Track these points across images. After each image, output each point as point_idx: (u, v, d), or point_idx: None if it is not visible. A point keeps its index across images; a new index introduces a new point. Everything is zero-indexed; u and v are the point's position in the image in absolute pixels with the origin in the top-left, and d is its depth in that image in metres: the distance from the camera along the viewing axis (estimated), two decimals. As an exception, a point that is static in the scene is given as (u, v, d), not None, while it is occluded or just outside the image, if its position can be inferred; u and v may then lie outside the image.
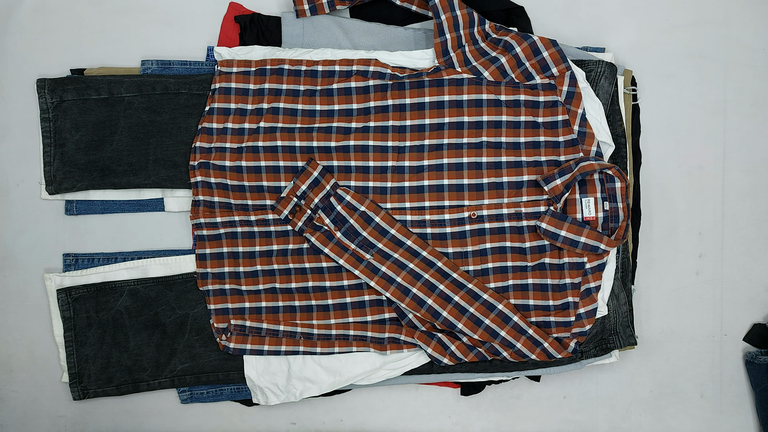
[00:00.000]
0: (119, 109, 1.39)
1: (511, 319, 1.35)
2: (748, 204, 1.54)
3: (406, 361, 1.42)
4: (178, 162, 1.40)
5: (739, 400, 1.55)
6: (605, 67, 1.40)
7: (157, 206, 1.46)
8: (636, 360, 1.54)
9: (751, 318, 1.55)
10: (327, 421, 1.51)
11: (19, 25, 1.46)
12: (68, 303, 1.42)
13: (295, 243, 1.39)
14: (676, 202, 1.53)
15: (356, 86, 1.37)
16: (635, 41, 1.51)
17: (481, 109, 1.36)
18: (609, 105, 1.42)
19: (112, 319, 1.42)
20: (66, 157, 1.40)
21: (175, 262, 1.43)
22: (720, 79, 1.53)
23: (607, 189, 1.37)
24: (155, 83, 1.40)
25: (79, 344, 1.43)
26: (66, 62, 1.45)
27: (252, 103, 1.38)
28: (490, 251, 1.38)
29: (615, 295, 1.42)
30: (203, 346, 1.43)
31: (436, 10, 1.35)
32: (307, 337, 1.41)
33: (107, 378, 1.43)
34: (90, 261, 1.45)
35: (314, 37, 1.43)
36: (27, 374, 1.48)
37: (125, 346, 1.43)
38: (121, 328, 1.43)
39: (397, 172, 1.37)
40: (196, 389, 1.47)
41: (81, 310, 1.42)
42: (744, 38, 1.52)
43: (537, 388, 1.53)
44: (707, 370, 1.55)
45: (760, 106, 1.53)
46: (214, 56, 1.42)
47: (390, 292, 1.36)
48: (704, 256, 1.54)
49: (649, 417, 1.55)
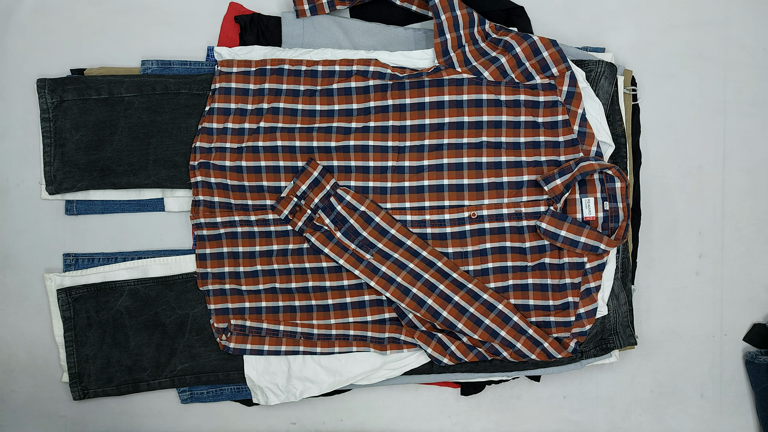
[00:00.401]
0: (119, 109, 1.39)
1: (511, 319, 1.36)
2: (748, 204, 1.54)
3: (406, 361, 1.42)
4: (178, 162, 1.40)
5: (739, 400, 1.55)
6: (605, 67, 1.40)
7: (157, 206, 1.46)
8: (636, 360, 1.54)
9: (751, 318, 1.55)
10: (327, 421, 1.51)
11: (19, 25, 1.46)
12: (68, 303, 1.42)
13: (295, 243, 1.39)
14: (676, 202, 1.53)
15: (356, 86, 1.37)
16: (635, 41, 1.51)
17: (481, 109, 1.36)
18: (609, 105, 1.42)
19: (112, 319, 1.42)
20: (66, 157, 1.40)
21: (175, 262, 1.43)
22: (720, 79, 1.53)
23: (607, 189, 1.37)
24: (155, 83, 1.40)
25: (79, 344, 1.43)
26: (66, 62, 1.45)
27: (252, 103, 1.38)
28: (490, 251, 1.38)
29: (615, 295, 1.42)
30: (203, 346, 1.43)
31: (436, 10, 1.35)
32: (307, 337, 1.41)
33: (107, 378, 1.43)
34: (90, 261, 1.45)
35: (314, 37, 1.43)
36: (27, 374, 1.48)
37: (125, 346, 1.43)
38: (121, 328, 1.43)
39: (397, 172, 1.37)
40: (196, 389, 1.47)
41: (81, 310, 1.42)
42: (744, 38, 1.52)
43: (537, 388, 1.53)
44: (707, 370, 1.55)
45: (760, 106, 1.53)
46: (214, 56, 1.42)
47: (390, 292, 1.36)
48: (704, 256, 1.54)
49: (649, 417, 1.55)
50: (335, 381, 1.42)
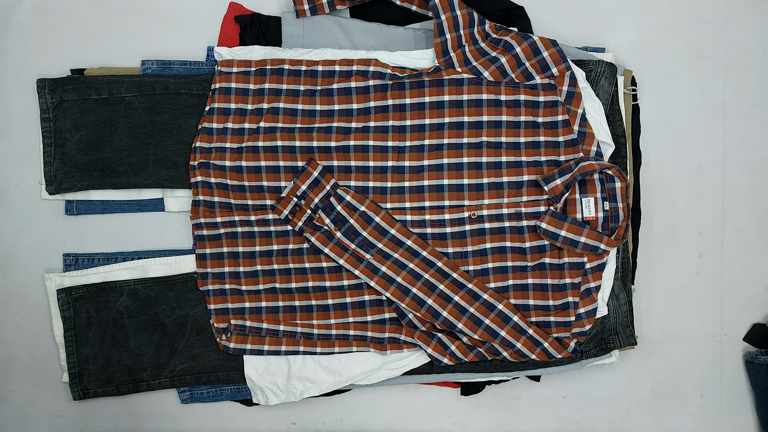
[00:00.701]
0: (119, 109, 1.39)
1: (511, 319, 1.36)
2: (748, 204, 1.54)
3: (406, 361, 1.42)
4: (178, 162, 1.40)
5: (739, 400, 1.55)
6: (605, 67, 1.40)
7: (157, 206, 1.46)
8: (636, 360, 1.54)
9: (751, 318, 1.55)
10: (327, 421, 1.51)
11: (19, 25, 1.46)
12: (68, 303, 1.42)
13: (295, 243, 1.39)
14: (676, 202, 1.53)
15: (356, 86, 1.37)
16: (635, 41, 1.51)
17: (481, 109, 1.36)
18: (609, 105, 1.42)
19: (112, 319, 1.42)
20: (66, 157, 1.40)
21: (175, 262, 1.43)
22: (720, 79, 1.53)
23: (607, 189, 1.37)
24: (155, 83, 1.40)
25: (79, 344, 1.43)
26: (66, 62, 1.45)
27: (252, 103, 1.38)
28: (490, 251, 1.38)
29: (615, 295, 1.42)
30: (203, 346, 1.43)
31: (436, 10, 1.35)
32: (307, 337, 1.41)
33: (107, 378, 1.43)
34: (90, 261, 1.45)
35: (314, 37, 1.43)
36: (27, 374, 1.48)
37: (125, 346, 1.43)
38: (121, 328, 1.43)
39: (397, 172, 1.37)
40: (196, 389, 1.47)
41: (81, 310, 1.42)
42: (744, 38, 1.52)
43: (537, 388, 1.53)
44: (707, 370, 1.55)
45: (760, 106, 1.53)
46: (214, 56, 1.42)
47: (390, 292, 1.36)
48: (704, 256, 1.54)
49: (649, 417, 1.55)
50: (335, 381, 1.42)
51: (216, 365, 1.43)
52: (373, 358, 1.42)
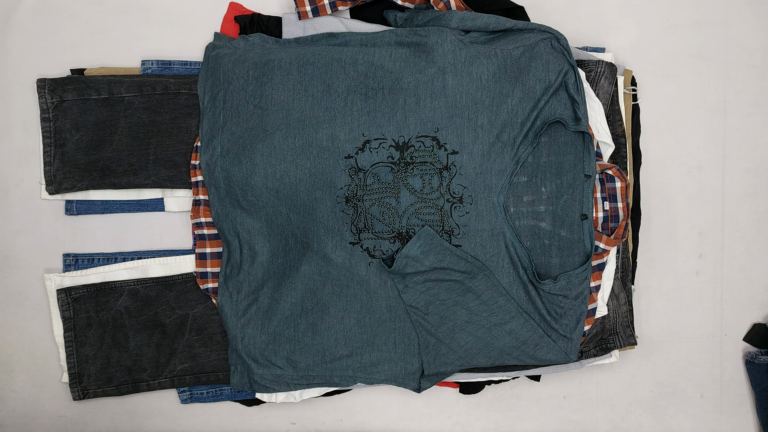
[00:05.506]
0: (119, 109, 1.39)
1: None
2: (748, 204, 1.54)
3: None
4: (178, 162, 1.40)
5: (739, 400, 1.55)
6: (605, 67, 1.40)
7: (157, 206, 1.46)
8: (636, 360, 1.54)
9: (751, 318, 1.55)
10: (327, 421, 1.51)
11: (19, 25, 1.46)
12: (68, 303, 1.42)
13: (295, 243, 1.39)
14: (676, 202, 1.53)
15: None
16: (635, 41, 1.51)
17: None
18: (609, 105, 1.42)
19: (112, 319, 1.42)
20: (66, 157, 1.40)
21: (175, 262, 1.43)
22: (720, 79, 1.53)
23: (607, 189, 1.37)
24: (155, 83, 1.40)
25: (79, 344, 1.43)
26: (66, 62, 1.45)
27: (252, 103, 1.38)
28: (490, 251, 1.38)
29: (615, 295, 1.42)
30: (203, 346, 1.43)
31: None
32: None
33: (107, 378, 1.43)
34: (90, 261, 1.45)
35: (314, 37, 1.43)
36: (27, 374, 1.48)
37: (125, 346, 1.43)
38: (121, 328, 1.43)
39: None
40: (196, 389, 1.47)
41: (81, 310, 1.42)
42: (744, 38, 1.52)
43: (537, 388, 1.53)
44: (707, 370, 1.55)
45: (760, 106, 1.53)
46: (214, 56, 1.42)
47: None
48: (704, 256, 1.54)
49: (649, 417, 1.55)
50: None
51: (216, 365, 1.43)
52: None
